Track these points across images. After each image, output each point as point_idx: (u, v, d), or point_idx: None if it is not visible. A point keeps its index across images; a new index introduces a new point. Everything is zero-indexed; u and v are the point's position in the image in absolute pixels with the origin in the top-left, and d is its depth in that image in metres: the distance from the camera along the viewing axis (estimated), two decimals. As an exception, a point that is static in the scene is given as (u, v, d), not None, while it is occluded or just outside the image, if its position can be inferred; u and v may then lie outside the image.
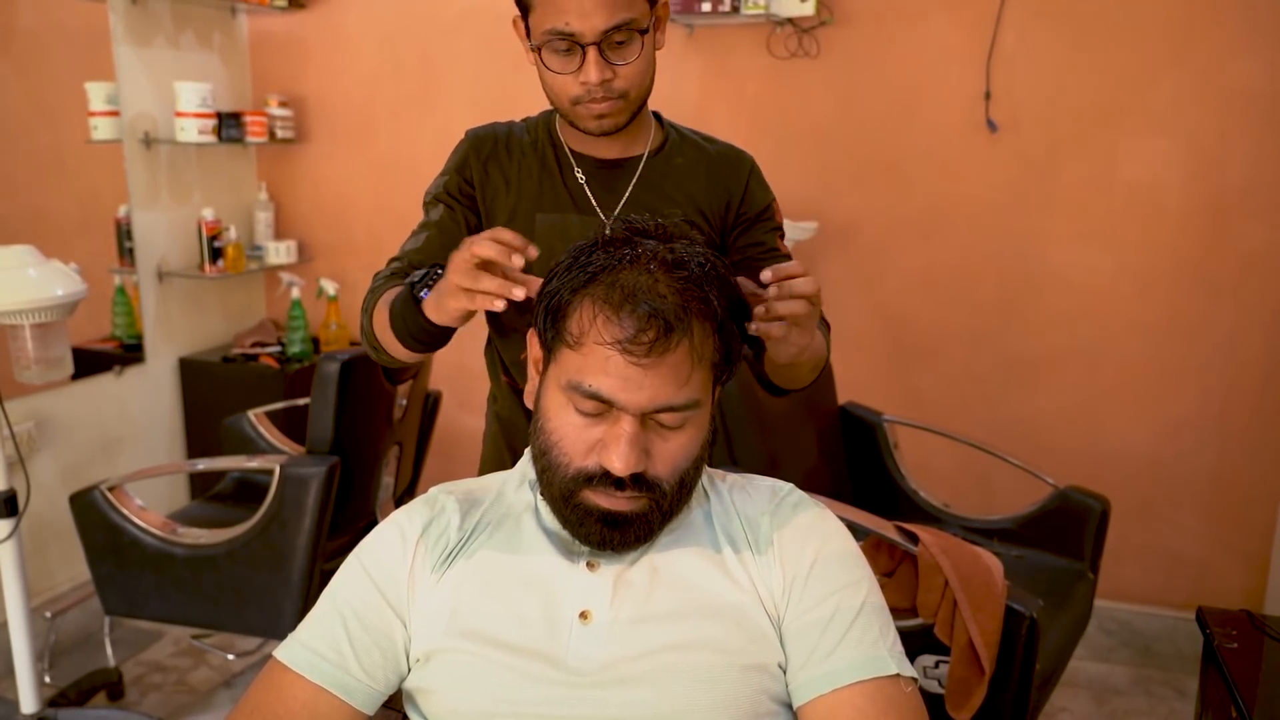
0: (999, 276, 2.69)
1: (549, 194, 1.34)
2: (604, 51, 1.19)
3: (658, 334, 0.87)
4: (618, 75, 1.22)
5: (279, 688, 0.96)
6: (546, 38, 1.20)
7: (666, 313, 0.87)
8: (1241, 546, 2.61)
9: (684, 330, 0.88)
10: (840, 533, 1.01)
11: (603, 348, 0.88)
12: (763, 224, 1.39)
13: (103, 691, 2.46)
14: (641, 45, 1.22)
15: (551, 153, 1.36)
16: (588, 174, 1.34)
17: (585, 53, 1.19)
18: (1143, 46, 2.47)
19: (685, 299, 0.89)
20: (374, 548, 1.01)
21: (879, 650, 0.93)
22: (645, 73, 1.25)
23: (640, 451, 0.89)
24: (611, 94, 1.23)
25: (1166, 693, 2.58)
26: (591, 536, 0.94)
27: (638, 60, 1.22)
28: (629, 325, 0.87)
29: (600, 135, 1.29)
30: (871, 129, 2.71)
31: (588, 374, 0.89)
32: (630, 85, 1.24)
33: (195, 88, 2.90)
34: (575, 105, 1.25)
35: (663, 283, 0.89)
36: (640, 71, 1.24)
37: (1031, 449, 2.59)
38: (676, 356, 0.88)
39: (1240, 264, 2.49)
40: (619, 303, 0.88)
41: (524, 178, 1.35)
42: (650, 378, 0.88)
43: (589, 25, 1.17)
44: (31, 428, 2.63)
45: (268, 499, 2.14)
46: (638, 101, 1.27)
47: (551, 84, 1.25)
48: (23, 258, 1.92)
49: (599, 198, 1.34)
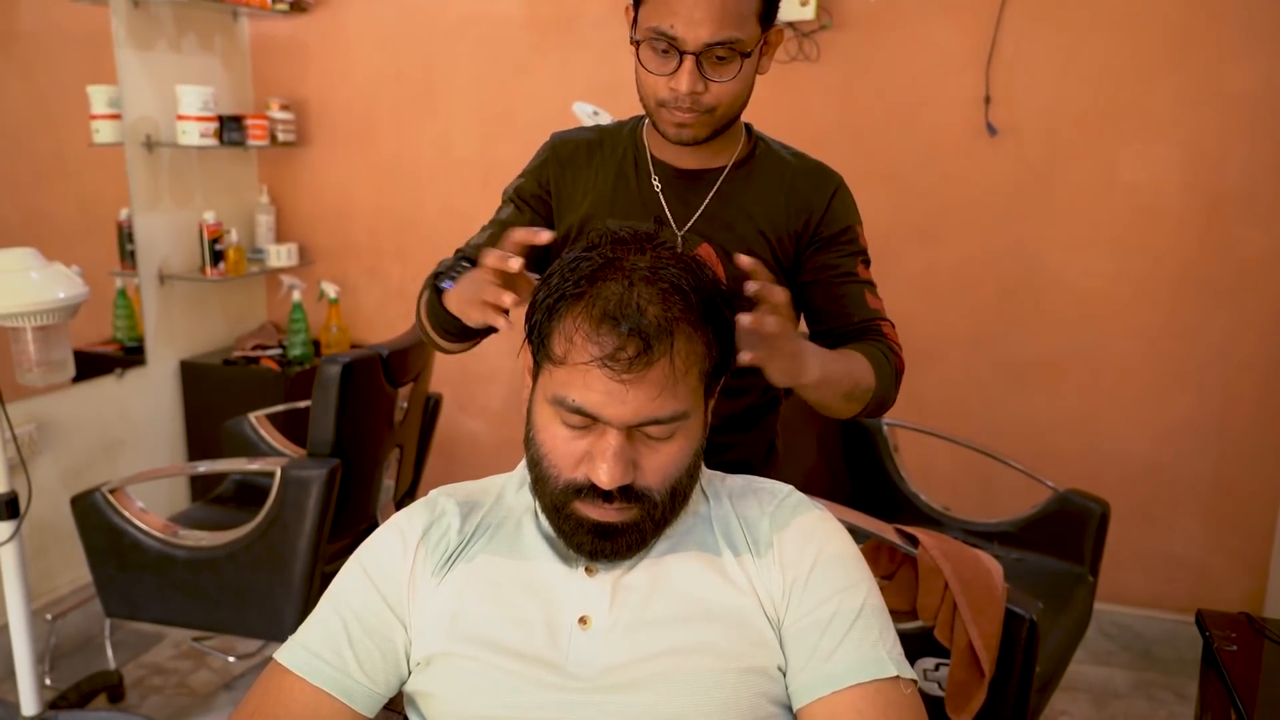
0: (999, 280, 2.69)
1: (622, 200, 1.32)
2: (702, 64, 1.17)
3: (637, 350, 0.87)
4: (709, 91, 1.19)
5: (279, 690, 0.96)
6: (649, 34, 1.18)
7: (647, 328, 0.87)
8: (1241, 549, 2.61)
9: (665, 344, 0.88)
10: (840, 535, 1.01)
11: (583, 365, 0.88)
12: (841, 246, 1.34)
13: (103, 694, 2.46)
14: (740, 66, 1.19)
15: (632, 157, 1.34)
16: (665, 182, 1.32)
17: (683, 60, 1.17)
18: (1142, 51, 2.47)
19: (667, 312, 0.89)
20: (374, 550, 1.01)
21: (878, 652, 0.93)
22: (738, 94, 1.23)
23: (626, 464, 0.89)
24: (698, 107, 1.21)
25: (1166, 696, 2.58)
26: (583, 546, 0.94)
27: (733, 81, 1.20)
28: (608, 342, 0.87)
29: (678, 144, 1.27)
30: (871, 133, 2.71)
31: (571, 389, 0.89)
32: (719, 103, 1.21)
33: (197, 91, 2.90)
34: (660, 107, 1.23)
35: (644, 296, 0.89)
36: (733, 93, 1.21)
37: (1031, 452, 2.59)
38: (659, 370, 0.88)
39: (1239, 268, 2.49)
40: (599, 319, 0.88)
41: (600, 183, 1.33)
42: (633, 392, 0.87)
43: (693, 34, 1.15)
44: (33, 430, 2.63)
45: (269, 501, 2.14)
46: (724, 119, 1.25)
47: (643, 81, 1.23)
48: (25, 260, 1.93)
49: (672, 208, 1.32)
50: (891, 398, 1.32)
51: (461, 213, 3.10)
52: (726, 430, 1.36)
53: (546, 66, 2.91)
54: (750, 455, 1.44)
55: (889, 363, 1.31)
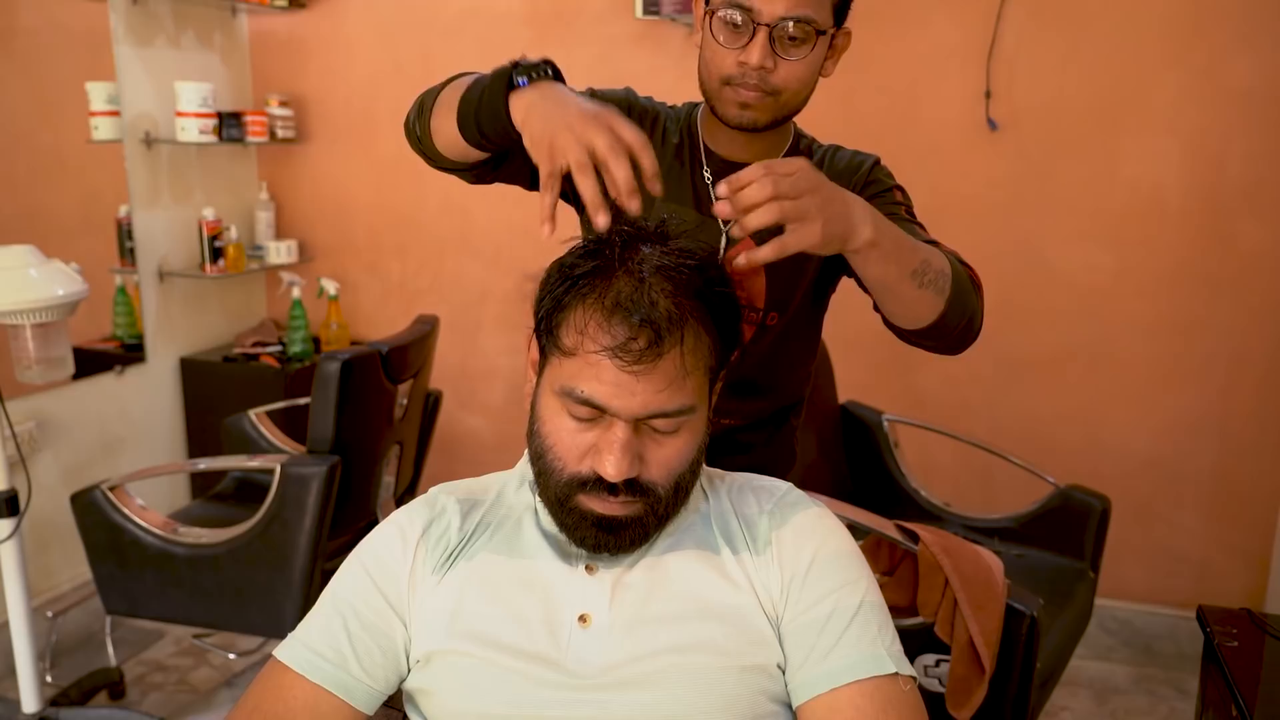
0: (999, 275, 2.68)
1: (674, 184, 1.30)
2: (774, 40, 1.16)
3: (648, 342, 0.86)
4: (778, 70, 1.18)
5: (279, 687, 0.96)
6: (724, 5, 1.16)
7: (657, 320, 0.87)
8: (1242, 545, 2.61)
9: (675, 337, 0.88)
10: (839, 532, 1.01)
11: (594, 355, 0.88)
12: (888, 203, 1.28)
13: (104, 691, 2.46)
14: (813, 48, 1.18)
15: (688, 143, 1.32)
16: (715, 174, 1.30)
17: (756, 33, 1.16)
18: (1143, 45, 2.47)
19: (677, 305, 0.89)
20: (374, 548, 1.01)
21: (877, 649, 0.93)
22: (805, 80, 1.21)
23: (633, 457, 0.89)
24: (765, 86, 1.19)
25: (1167, 691, 2.58)
26: (586, 540, 0.94)
27: (803, 63, 1.18)
28: (619, 333, 0.87)
29: (737, 128, 1.24)
30: (872, 128, 2.70)
31: (580, 380, 0.89)
32: (785, 86, 1.19)
33: (196, 87, 2.90)
34: (724, 85, 1.21)
35: (655, 289, 0.88)
36: (800, 76, 1.19)
37: (1032, 448, 2.58)
38: (669, 363, 0.88)
39: (1240, 262, 2.49)
40: (610, 310, 0.88)
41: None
42: (642, 384, 0.87)
43: (770, 7, 1.14)
44: (33, 427, 2.63)
45: (268, 498, 2.14)
46: (787, 107, 1.23)
47: (710, 58, 1.21)
48: (24, 257, 1.93)
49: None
50: (975, 308, 1.17)
51: (461, 209, 3.09)
52: (750, 430, 1.35)
53: (546, 62, 2.90)
54: (773, 458, 1.42)
55: (964, 268, 1.18)
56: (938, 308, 1.11)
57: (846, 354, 2.60)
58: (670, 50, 2.80)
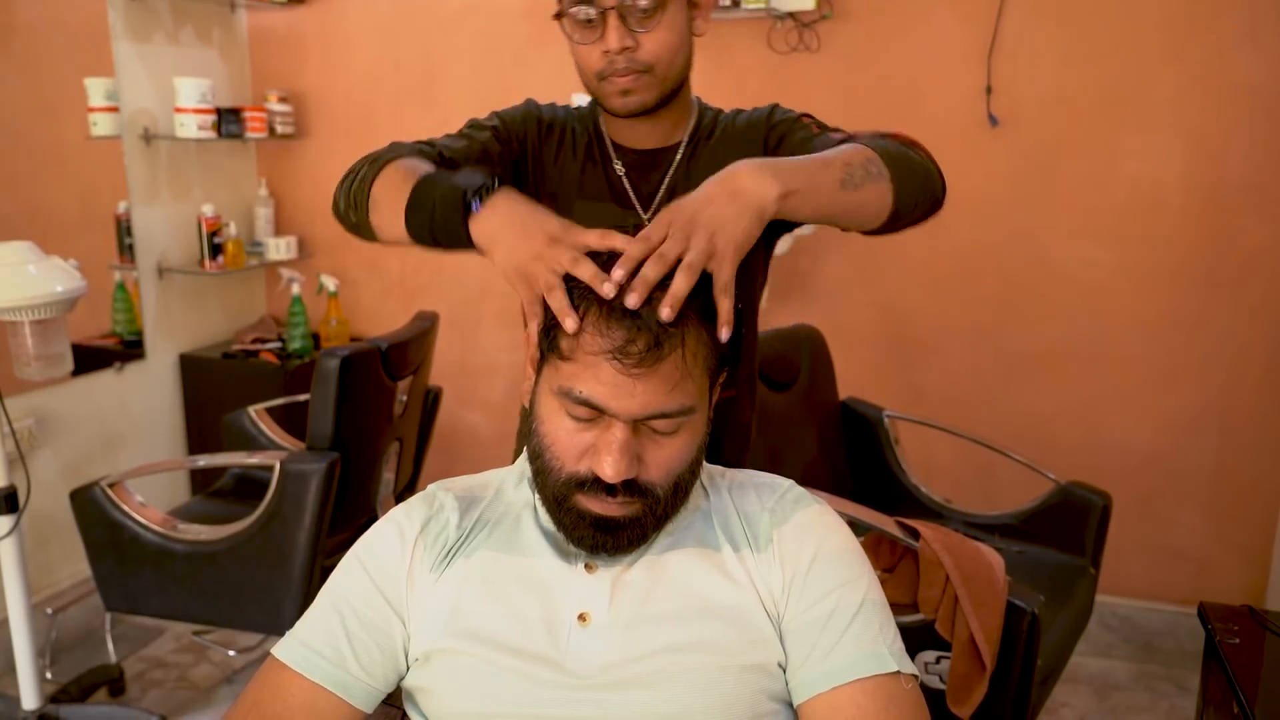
0: (1000, 271, 2.68)
1: (590, 182, 1.31)
2: (626, 19, 1.16)
3: (648, 344, 0.86)
4: (641, 45, 1.18)
5: (277, 686, 0.96)
6: (569, 5, 1.17)
7: (657, 322, 0.86)
8: (1243, 541, 2.61)
9: (676, 339, 0.87)
10: (840, 529, 1.01)
11: (593, 357, 0.87)
12: (797, 130, 1.29)
13: (104, 688, 2.46)
14: (666, 14, 1.17)
15: (596, 143, 1.33)
16: (627, 165, 1.31)
17: (606, 18, 1.16)
18: (1144, 41, 2.46)
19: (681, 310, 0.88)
20: (372, 546, 1.01)
21: (879, 647, 0.92)
22: (674, 47, 1.21)
23: (632, 458, 0.88)
24: (635, 65, 1.19)
25: (1168, 688, 2.58)
26: (584, 540, 0.93)
27: (662, 29, 1.18)
28: (618, 335, 0.86)
29: (628, 116, 1.24)
30: (872, 124, 2.68)
31: (579, 381, 0.88)
32: (655, 58, 1.19)
33: (195, 83, 2.89)
34: (601, 81, 1.22)
35: (655, 290, 0.88)
36: (666, 45, 1.19)
37: (1033, 444, 2.58)
38: (669, 365, 0.87)
39: (1241, 259, 2.49)
40: (609, 312, 0.87)
41: (568, 162, 1.33)
42: (642, 385, 0.87)
43: None
44: (32, 424, 2.63)
45: (268, 495, 2.14)
46: (667, 79, 1.23)
47: (579, 60, 1.22)
48: (22, 254, 1.92)
49: (637, 190, 1.31)
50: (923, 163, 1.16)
51: (461, 205, 3.09)
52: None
53: (545, 58, 2.89)
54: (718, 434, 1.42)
55: (888, 138, 1.16)
56: (888, 193, 1.10)
57: (847, 351, 2.60)
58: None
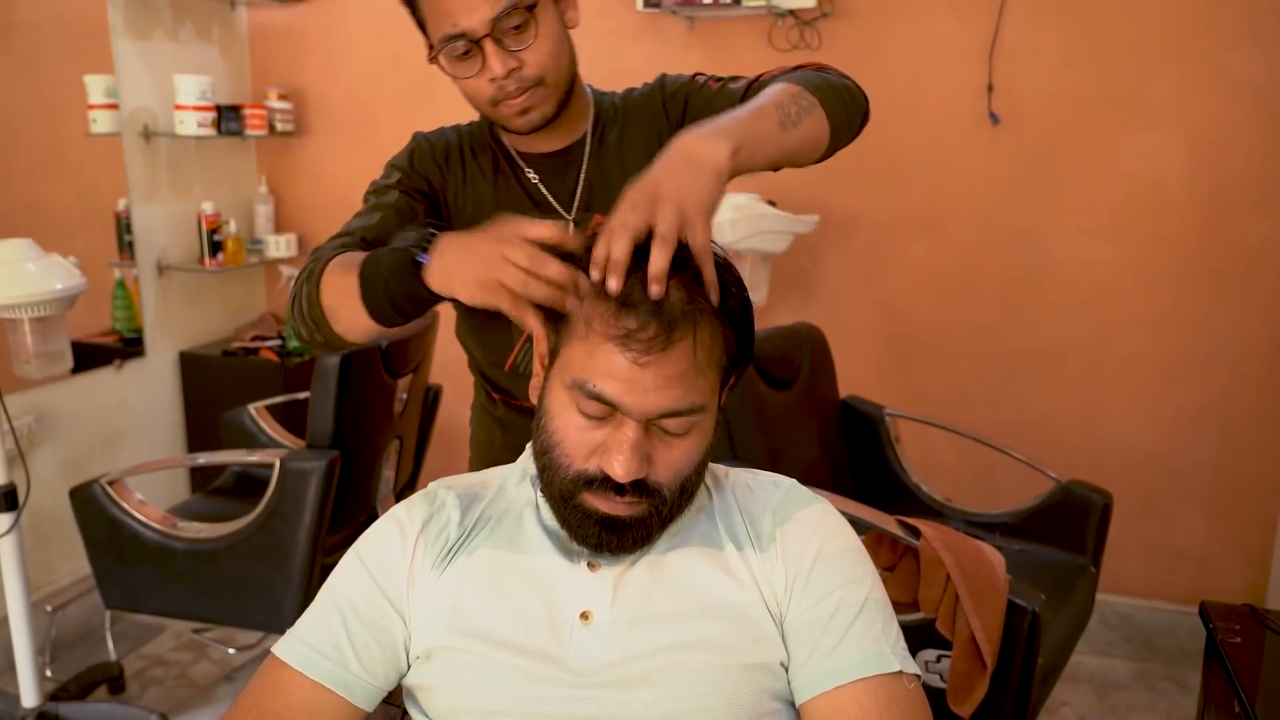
0: (1001, 270, 2.68)
1: (506, 196, 1.29)
2: (501, 42, 1.13)
3: (659, 330, 0.85)
4: (524, 62, 1.15)
5: (277, 684, 0.95)
6: (442, 45, 1.15)
7: (669, 310, 0.86)
8: (1244, 541, 2.60)
9: (688, 330, 0.87)
10: (843, 529, 1.00)
11: (605, 343, 0.86)
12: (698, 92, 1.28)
13: (104, 685, 2.46)
14: (538, 24, 1.15)
15: (501, 157, 1.31)
16: (539, 171, 1.29)
17: (481, 46, 1.13)
18: (1145, 39, 2.46)
19: (691, 298, 0.88)
20: (373, 543, 1.00)
21: (881, 647, 0.92)
22: (556, 54, 1.18)
23: (642, 458, 0.88)
24: (525, 83, 1.16)
25: (1168, 687, 2.58)
26: (589, 539, 0.93)
27: (540, 40, 1.15)
28: (631, 321, 0.86)
29: (532, 132, 1.22)
30: (873, 122, 2.66)
31: (593, 375, 0.87)
32: (542, 69, 1.17)
33: (194, 81, 2.89)
34: (496, 107, 1.19)
35: (670, 281, 0.87)
36: (549, 53, 1.17)
37: (1033, 443, 2.58)
38: (681, 357, 0.87)
39: (1242, 257, 2.48)
40: (623, 299, 0.87)
41: (479, 183, 1.30)
42: (654, 380, 0.86)
43: (476, 18, 1.12)
44: (31, 422, 2.63)
45: (268, 493, 2.14)
46: (560, 86, 1.21)
47: (467, 92, 1.20)
48: (22, 251, 1.92)
49: (555, 192, 1.29)
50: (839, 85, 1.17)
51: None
52: None
53: (546, 55, 2.89)
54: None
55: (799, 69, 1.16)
56: (823, 120, 1.12)
57: (847, 349, 2.60)
58: (671, 43, 2.79)
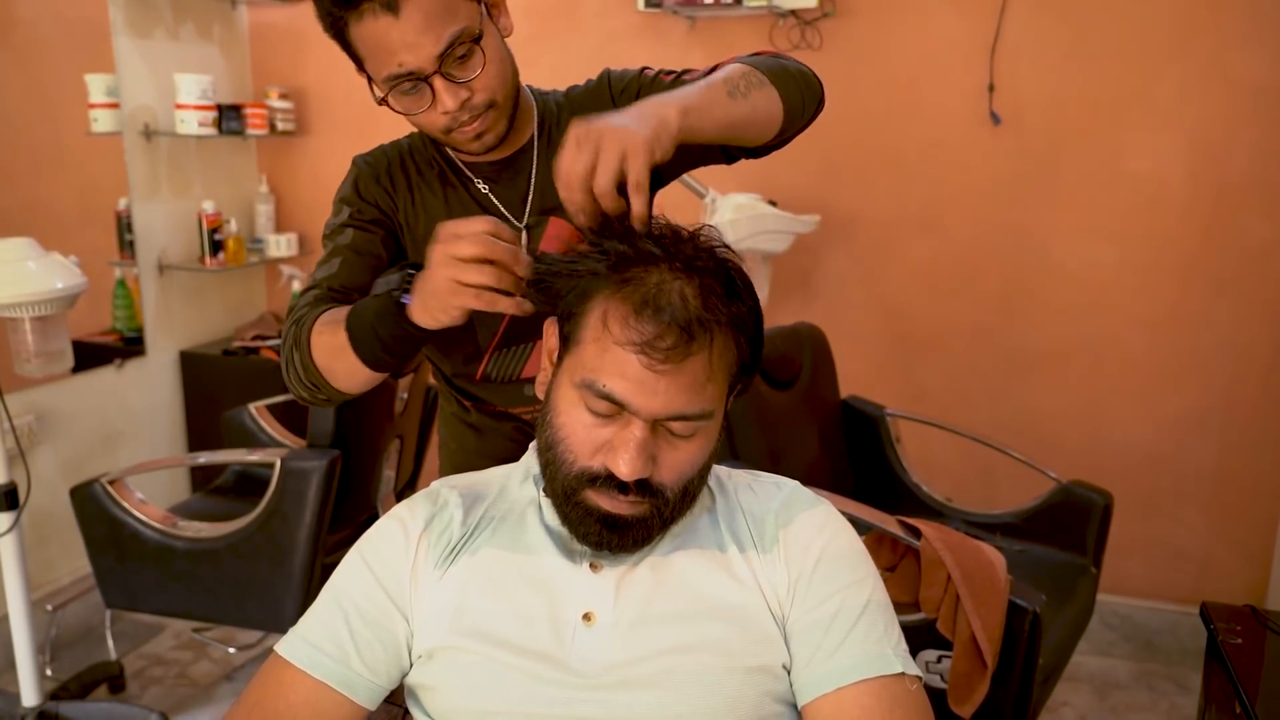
0: (1002, 270, 2.68)
1: (458, 209, 1.27)
2: (450, 75, 1.11)
3: (677, 340, 0.85)
4: (474, 90, 1.13)
5: (280, 683, 0.95)
6: (389, 85, 1.11)
7: (689, 320, 0.86)
8: (1245, 541, 2.60)
9: (705, 339, 0.87)
10: (845, 530, 1.00)
11: (620, 348, 0.86)
12: (651, 84, 1.27)
13: (104, 684, 2.46)
14: (484, 50, 1.13)
15: (448, 169, 1.29)
16: (488, 180, 1.27)
17: (431, 83, 1.11)
18: (1146, 39, 2.46)
19: (709, 308, 0.87)
20: (376, 542, 1.00)
21: (883, 648, 0.92)
22: (502, 74, 1.17)
23: (648, 458, 0.88)
24: (478, 109, 1.15)
25: (1169, 687, 2.58)
26: (590, 536, 0.93)
27: (488, 64, 1.13)
28: (649, 329, 0.85)
29: (489, 151, 1.21)
30: (874, 122, 2.69)
31: (603, 374, 0.87)
32: (492, 93, 1.15)
33: (195, 80, 2.89)
34: (450, 134, 1.17)
35: (688, 288, 0.87)
36: (496, 75, 1.15)
37: (1034, 443, 2.58)
38: (695, 366, 0.87)
39: (1244, 257, 2.48)
40: (640, 305, 0.86)
41: (429, 199, 1.28)
42: (666, 384, 0.86)
43: (422, 55, 1.08)
44: (32, 421, 2.63)
45: (268, 492, 2.14)
46: (509, 103, 1.19)
47: (420, 123, 1.18)
48: (22, 250, 1.92)
49: (506, 200, 1.28)
50: (792, 68, 1.19)
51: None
52: None
53: (546, 55, 2.89)
54: None
55: (754, 55, 1.17)
56: (775, 97, 1.13)
57: (848, 349, 2.60)
58: (672, 43, 2.79)
